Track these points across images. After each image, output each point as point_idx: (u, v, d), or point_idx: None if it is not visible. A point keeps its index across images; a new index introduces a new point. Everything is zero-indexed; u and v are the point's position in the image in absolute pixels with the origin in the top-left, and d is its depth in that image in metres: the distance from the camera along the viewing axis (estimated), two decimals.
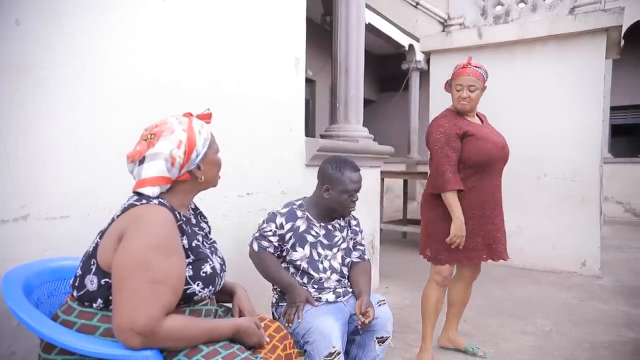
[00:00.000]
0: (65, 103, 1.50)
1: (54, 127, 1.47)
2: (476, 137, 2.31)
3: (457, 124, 2.31)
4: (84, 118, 1.56)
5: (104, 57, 1.62)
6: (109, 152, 1.62)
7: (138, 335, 1.04)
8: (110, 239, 1.15)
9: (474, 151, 2.30)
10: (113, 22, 1.66)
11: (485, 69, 2.42)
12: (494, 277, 4.36)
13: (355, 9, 3.54)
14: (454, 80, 2.39)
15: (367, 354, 1.97)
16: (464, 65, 2.38)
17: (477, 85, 2.34)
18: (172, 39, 1.91)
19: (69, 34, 1.50)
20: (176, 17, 1.92)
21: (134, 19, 1.74)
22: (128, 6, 1.71)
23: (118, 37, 1.68)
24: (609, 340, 2.84)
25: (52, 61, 1.46)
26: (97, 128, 1.60)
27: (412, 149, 10.78)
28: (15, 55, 1.38)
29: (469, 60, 2.39)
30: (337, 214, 2.01)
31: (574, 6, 4.61)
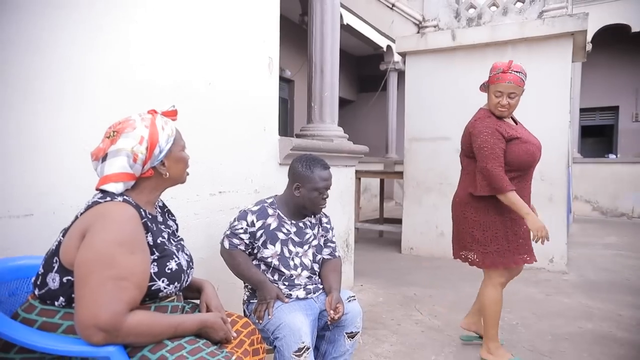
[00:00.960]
0: (28, 100, 1.49)
1: (15, 124, 1.45)
2: (522, 140, 2.31)
3: (502, 127, 2.29)
4: (49, 115, 1.54)
5: (70, 54, 1.61)
6: (75, 149, 1.61)
7: (101, 331, 1.04)
8: (73, 236, 1.15)
9: (521, 153, 2.29)
10: (80, 18, 1.65)
11: (525, 71, 2.36)
12: (466, 274, 4.46)
13: (330, 10, 3.58)
14: (494, 86, 2.32)
15: (337, 349, 2.01)
16: (505, 69, 2.29)
17: (517, 91, 2.30)
18: (144, 37, 1.90)
19: (30, 29, 1.49)
20: (148, 15, 1.92)
21: (103, 16, 1.73)
22: (98, 3, 1.70)
23: (86, 33, 1.66)
24: (569, 332, 2.96)
25: (13, 57, 1.44)
26: (63, 125, 1.59)
27: (390, 149, 10.92)
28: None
29: (510, 64, 2.30)
30: (308, 211, 2.04)
31: (543, 10, 4.75)
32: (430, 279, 4.28)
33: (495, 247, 2.36)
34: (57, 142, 1.57)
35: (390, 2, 5.58)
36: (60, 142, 1.57)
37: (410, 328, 3.02)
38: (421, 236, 5.36)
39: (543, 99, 4.68)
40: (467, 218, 2.43)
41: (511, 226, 2.37)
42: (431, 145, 5.30)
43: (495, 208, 2.37)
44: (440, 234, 5.24)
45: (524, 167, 2.34)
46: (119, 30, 1.80)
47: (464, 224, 2.45)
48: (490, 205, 2.36)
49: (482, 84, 2.48)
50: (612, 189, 9.44)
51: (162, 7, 1.99)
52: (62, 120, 1.58)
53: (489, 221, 2.37)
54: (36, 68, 1.50)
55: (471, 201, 2.42)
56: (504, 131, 2.30)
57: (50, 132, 1.54)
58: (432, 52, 5.26)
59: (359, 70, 12.54)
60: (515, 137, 2.32)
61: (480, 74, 4.95)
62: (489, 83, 2.38)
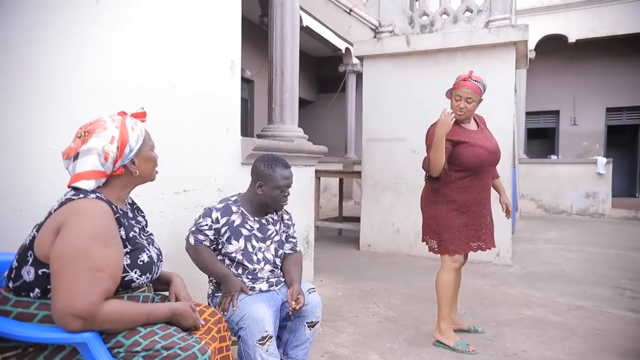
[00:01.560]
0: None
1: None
2: (469, 144, 2.57)
3: (452, 131, 2.54)
4: (16, 115, 1.57)
5: (36, 55, 1.64)
6: (42, 148, 1.64)
7: (78, 318, 1.12)
8: (48, 231, 1.21)
9: (467, 156, 2.56)
10: (45, 20, 1.68)
11: (485, 82, 2.64)
12: (421, 269, 4.72)
13: (290, 15, 3.69)
14: (455, 91, 2.62)
15: (298, 337, 2.13)
16: (465, 77, 2.59)
17: (474, 98, 2.58)
18: (107, 40, 1.95)
19: (4, 29, 1.52)
20: (111, 18, 1.97)
21: (65, 18, 1.76)
22: (61, 5, 1.74)
23: (50, 35, 1.70)
24: (510, 318, 3.23)
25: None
26: (30, 125, 1.62)
27: (349, 149, 11.14)
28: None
29: (470, 74, 2.61)
30: (270, 208, 2.15)
31: (489, 20, 5.07)
32: (386, 274, 4.48)
33: (447, 236, 2.65)
34: (24, 142, 1.60)
35: (347, 7, 5.76)
36: (27, 142, 1.60)
37: (367, 319, 3.18)
38: (378, 233, 5.58)
39: (490, 103, 4.98)
40: (426, 211, 2.78)
41: (462, 218, 2.65)
42: (387, 146, 5.52)
43: (447, 203, 2.65)
44: (396, 231, 5.47)
45: (472, 167, 2.60)
46: (84, 32, 1.84)
47: (424, 216, 2.80)
48: (442, 199, 2.67)
49: (447, 91, 2.74)
50: (553, 188, 10.10)
51: (128, 10, 2.04)
52: (29, 120, 1.61)
53: (441, 214, 2.67)
54: (5, 68, 1.53)
55: (430, 195, 2.74)
56: (452, 135, 2.56)
57: (18, 132, 1.57)
58: (388, 56, 5.49)
59: (318, 72, 12.71)
60: (463, 141, 2.58)
61: (433, 79, 5.28)
62: (452, 89, 2.67)
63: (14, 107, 1.56)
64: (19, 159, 1.58)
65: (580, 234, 7.39)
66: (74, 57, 1.78)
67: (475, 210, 2.69)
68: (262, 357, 1.86)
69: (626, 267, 4.93)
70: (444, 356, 2.59)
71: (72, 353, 1.18)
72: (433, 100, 5.27)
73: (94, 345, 1.14)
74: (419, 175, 5.23)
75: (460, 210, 2.66)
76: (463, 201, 2.65)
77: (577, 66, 11.56)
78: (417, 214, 5.22)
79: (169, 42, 2.28)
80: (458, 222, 2.65)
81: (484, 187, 2.71)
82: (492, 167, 2.75)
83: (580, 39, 10.60)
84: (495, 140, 2.76)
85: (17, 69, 1.58)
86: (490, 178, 2.78)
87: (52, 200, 1.62)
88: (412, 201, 5.35)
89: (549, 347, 2.73)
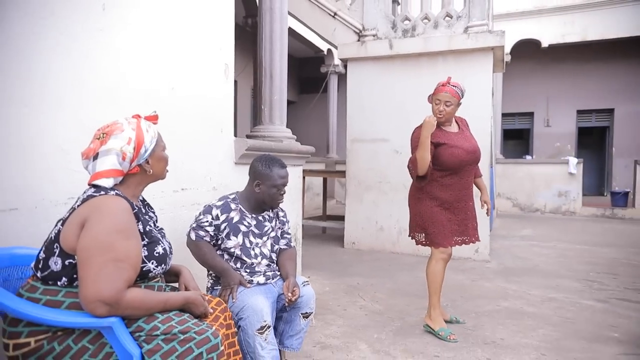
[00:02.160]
0: (13, 102, 1.59)
1: (3, 124, 1.56)
2: (449, 145, 2.79)
3: (432, 133, 2.74)
4: (31, 117, 1.65)
5: (49, 60, 1.72)
6: (53, 149, 1.73)
7: (105, 304, 1.22)
8: (73, 226, 1.31)
9: (446, 157, 2.78)
10: (55, 27, 1.76)
11: (463, 87, 2.87)
12: (404, 265, 4.90)
13: (279, 18, 3.81)
14: (434, 95, 2.84)
15: (293, 328, 2.26)
16: (444, 83, 2.81)
17: (452, 101, 2.79)
18: (113, 45, 2.03)
19: (15, 34, 1.60)
20: (116, 25, 2.05)
21: (72, 24, 1.84)
22: (69, 12, 1.82)
23: (62, 41, 1.78)
24: (489, 309, 3.43)
25: (1, 63, 1.55)
26: (44, 127, 1.70)
27: (331, 149, 11.28)
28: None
29: (448, 80, 2.82)
30: (267, 206, 2.27)
31: (468, 26, 5.29)
32: (371, 270, 4.64)
33: (432, 230, 2.88)
34: (38, 143, 1.68)
35: (332, 10, 5.90)
36: (41, 143, 1.68)
37: (355, 312, 3.33)
38: (362, 231, 5.74)
39: (469, 105, 5.19)
40: (412, 207, 2.99)
41: (445, 214, 2.88)
42: (371, 147, 5.69)
43: (430, 199, 2.87)
44: (379, 229, 5.65)
45: (451, 167, 2.82)
46: (93, 39, 1.93)
47: (411, 212, 3.02)
48: (426, 196, 2.89)
49: (429, 96, 2.94)
50: (528, 187, 10.47)
51: (130, 15, 2.13)
52: (42, 122, 1.69)
53: (425, 210, 2.90)
54: (21, 73, 1.61)
55: (415, 193, 2.97)
56: (433, 137, 2.76)
57: (33, 133, 1.65)
58: (371, 59, 5.65)
59: (301, 72, 12.84)
60: (443, 142, 2.81)
61: (415, 81, 5.47)
62: (432, 94, 2.88)
63: (30, 109, 1.64)
64: (34, 159, 1.66)
65: (553, 231, 7.72)
66: (78, 61, 1.87)
67: (457, 206, 2.88)
68: (262, 345, 1.98)
69: (595, 262, 5.22)
70: (429, 345, 2.76)
71: (97, 337, 1.28)
72: (415, 102, 5.47)
73: (118, 329, 1.24)
74: (402, 174, 5.46)
75: (443, 207, 2.87)
76: (445, 198, 2.86)
77: (550, 70, 12.00)
78: (400, 212, 5.48)
79: (167, 46, 2.38)
80: (442, 218, 2.87)
81: (465, 184, 2.91)
82: (473, 166, 2.95)
83: (553, 44, 11.03)
84: (474, 141, 2.95)
85: (33, 74, 1.66)
86: (472, 176, 2.97)
87: (63, 198, 1.72)
88: (395, 200, 5.54)
89: (524, 335, 2.93)
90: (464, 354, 2.63)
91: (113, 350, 1.28)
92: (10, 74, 1.58)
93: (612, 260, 5.34)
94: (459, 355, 2.61)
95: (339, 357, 2.56)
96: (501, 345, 2.76)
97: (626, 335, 2.93)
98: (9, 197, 1.57)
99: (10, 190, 1.57)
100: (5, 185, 1.57)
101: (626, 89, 11.54)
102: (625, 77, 11.50)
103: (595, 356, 2.61)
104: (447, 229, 2.87)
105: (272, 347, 2.02)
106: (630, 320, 3.23)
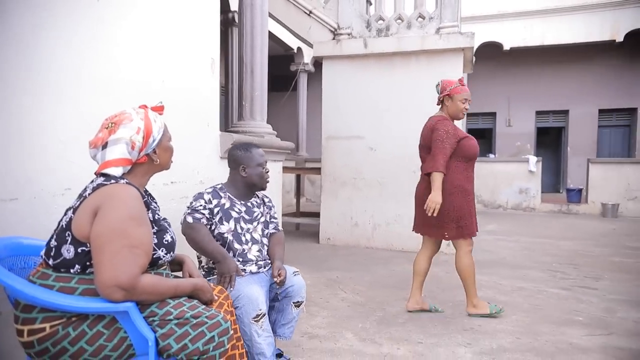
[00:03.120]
0: (16, 95, 1.57)
1: (5, 117, 1.53)
2: (469, 138, 3.05)
3: (457, 130, 2.95)
4: (31, 109, 1.63)
5: (48, 54, 1.70)
6: (52, 140, 1.70)
7: (121, 289, 1.23)
8: (84, 213, 1.31)
9: (470, 148, 3.02)
10: (54, 18, 1.74)
11: None
12: (379, 259, 5.03)
13: (260, 15, 3.83)
14: (460, 95, 2.99)
15: (285, 316, 2.31)
16: (461, 82, 2.99)
17: None
18: (109, 37, 2.02)
19: (15, 29, 1.57)
20: (111, 18, 2.04)
21: (70, 16, 1.82)
22: (67, 4, 1.80)
23: (60, 33, 1.76)
24: (464, 299, 3.57)
25: (4, 56, 1.53)
26: (42, 118, 1.67)
27: (301, 147, 11.33)
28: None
29: (462, 80, 3.02)
30: (257, 187, 2.32)
31: (439, 27, 5.47)
32: (348, 264, 4.74)
33: (464, 222, 3.04)
34: (38, 134, 1.65)
35: (307, 9, 5.95)
36: (40, 134, 1.66)
37: (338, 304, 3.41)
38: (337, 227, 5.83)
39: None
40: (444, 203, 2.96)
41: (471, 205, 3.07)
42: (346, 144, 5.78)
43: (461, 192, 3.01)
44: (354, 224, 5.75)
45: (473, 156, 3.08)
46: (86, 30, 1.90)
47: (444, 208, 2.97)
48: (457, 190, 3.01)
49: (444, 96, 3.07)
50: (491, 184, 10.90)
51: (125, 8, 2.12)
52: (43, 114, 1.67)
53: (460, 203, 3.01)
54: (22, 66, 1.58)
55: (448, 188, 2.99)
56: (459, 134, 2.99)
57: (33, 125, 1.63)
58: (346, 57, 5.75)
59: (270, 70, 12.74)
60: (465, 136, 3.06)
61: (389, 80, 5.61)
62: (454, 93, 3.02)
63: (31, 101, 1.62)
64: (34, 151, 1.64)
65: (515, 226, 8.08)
66: (78, 53, 1.85)
67: (473, 197, 3.12)
68: (258, 332, 2.02)
69: (556, 254, 5.53)
70: (412, 332, 2.86)
71: (112, 322, 1.29)
72: (389, 100, 5.62)
73: (134, 314, 1.26)
74: (376, 171, 5.61)
75: (469, 198, 3.06)
76: (470, 189, 3.08)
77: (511, 72, 12.53)
78: (374, 208, 5.61)
79: (157, 39, 2.37)
80: (471, 209, 3.07)
81: (473, 176, 3.15)
82: None
83: (514, 47, 11.53)
84: None
85: (34, 67, 1.64)
86: None
87: (61, 189, 1.71)
88: (370, 196, 5.66)
89: (499, 321, 3.09)
90: (445, 339, 2.76)
91: (127, 335, 1.29)
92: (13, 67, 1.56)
93: (571, 252, 5.68)
94: (441, 341, 2.73)
95: (328, 346, 2.63)
96: (479, 331, 2.90)
97: (589, 319, 3.15)
98: (9, 188, 1.54)
99: (10, 181, 1.55)
100: (5, 176, 1.54)
101: (580, 92, 12.21)
102: (579, 80, 12.16)
103: (563, 338, 2.80)
104: (474, 219, 3.08)
105: (268, 335, 2.07)
106: (591, 305, 3.47)
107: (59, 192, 1.71)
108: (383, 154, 5.63)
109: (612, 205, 9.61)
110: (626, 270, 4.67)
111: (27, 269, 1.46)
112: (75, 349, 1.25)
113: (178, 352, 1.32)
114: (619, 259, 5.26)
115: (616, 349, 2.64)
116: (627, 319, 3.16)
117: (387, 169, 5.61)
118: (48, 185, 1.68)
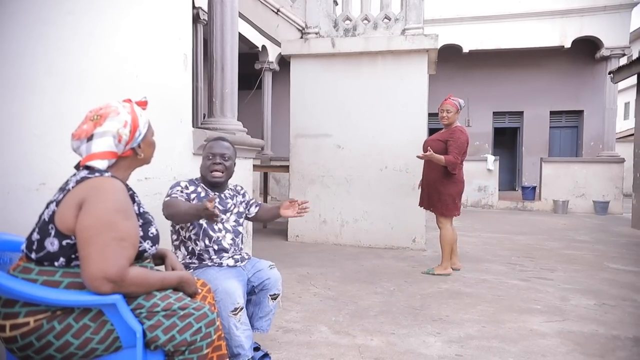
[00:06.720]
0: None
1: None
2: None
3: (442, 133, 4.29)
4: (4, 102, 1.58)
5: (17, 45, 1.64)
6: (26, 134, 1.65)
7: (110, 282, 1.23)
8: (69, 206, 1.29)
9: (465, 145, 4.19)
10: (26, 8, 1.68)
11: (460, 101, 4.34)
12: (348, 255, 5.11)
13: (230, 11, 3.81)
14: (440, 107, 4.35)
15: (262, 309, 2.33)
16: (446, 98, 4.32)
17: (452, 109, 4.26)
18: (80, 30, 1.97)
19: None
20: (84, 10, 1.99)
21: (43, 6, 1.77)
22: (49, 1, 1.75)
23: (31, 22, 1.70)
24: (432, 292, 3.73)
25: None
26: (16, 111, 1.62)
27: (266, 146, 11.28)
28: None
29: (449, 95, 4.30)
30: (206, 179, 2.33)
31: (405, 28, 5.62)
32: (318, 261, 4.79)
33: (459, 204, 4.30)
34: (12, 128, 1.60)
35: (275, 7, 5.96)
36: (14, 128, 1.61)
37: (310, 299, 3.45)
38: (306, 224, 5.87)
39: (406, 103, 5.57)
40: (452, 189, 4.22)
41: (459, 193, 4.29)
42: (314, 142, 5.84)
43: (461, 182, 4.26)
44: (322, 222, 5.81)
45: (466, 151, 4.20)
46: (60, 21, 1.85)
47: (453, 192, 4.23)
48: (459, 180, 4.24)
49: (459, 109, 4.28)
50: None
51: (99, 9, 2.07)
52: (16, 107, 1.61)
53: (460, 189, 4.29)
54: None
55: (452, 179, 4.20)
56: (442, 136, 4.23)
57: (6, 118, 1.57)
58: (314, 56, 5.80)
59: None
60: None
61: (356, 80, 5.71)
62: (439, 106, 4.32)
63: (3, 94, 1.57)
64: (6, 143, 1.58)
65: (475, 222, 8.40)
66: (51, 45, 1.80)
67: None
68: (236, 326, 2.04)
69: (514, 248, 5.81)
70: (384, 324, 2.95)
71: (98, 314, 1.28)
72: (356, 99, 5.72)
73: (121, 306, 1.26)
74: (344, 169, 5.70)
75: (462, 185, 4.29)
76: (462, 179, 4.27)
77: (470, 73, 12.97)
78: (342, 205, 5.70)
79: (132, 35, 2.33)
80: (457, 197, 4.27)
81: None
82: None
83: (472, 49, 11.94)
84: None
85: (5, 58, 1.58)
86: None
87: (35, 184, 1.66)
88: (338, 193, 5.74)
89: (466, 311, 3.24)
90: (416, 329, 2.86)
91: (114, 328, 1.29)
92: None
93: (527, 246, 5.98)
94: (412, 332, 2.83)
95: (303, 339, 2.67)
96: (447, 321, 3.03)
97: (546, 307, 3.35)
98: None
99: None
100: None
101: (533, 94, 12.80)
102: (532, 83, 12.75)
103: (525, 325, 2.97)
104: (458, 204, 4.29)
105: (246, 328, 2.10)
106: (548, 294, 3.69)
107: (33, 187, 1.66)
108: (350, 152, 5.72)
109: (562, 202, 10.16)
110: (577, 262, 4.98)
111: (3, 264, 1.41)
112: (60, 342, 1.23)
113: (166, 343, 1.32)
114: (570, 251, 5.60)
115: (570, 333, 2.84)
116: (578, 305, 3.39)
117: (355, 167, 5.71)
118: (22, 179, 1.63)
